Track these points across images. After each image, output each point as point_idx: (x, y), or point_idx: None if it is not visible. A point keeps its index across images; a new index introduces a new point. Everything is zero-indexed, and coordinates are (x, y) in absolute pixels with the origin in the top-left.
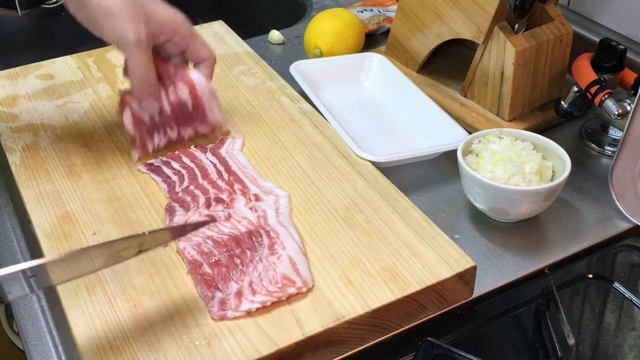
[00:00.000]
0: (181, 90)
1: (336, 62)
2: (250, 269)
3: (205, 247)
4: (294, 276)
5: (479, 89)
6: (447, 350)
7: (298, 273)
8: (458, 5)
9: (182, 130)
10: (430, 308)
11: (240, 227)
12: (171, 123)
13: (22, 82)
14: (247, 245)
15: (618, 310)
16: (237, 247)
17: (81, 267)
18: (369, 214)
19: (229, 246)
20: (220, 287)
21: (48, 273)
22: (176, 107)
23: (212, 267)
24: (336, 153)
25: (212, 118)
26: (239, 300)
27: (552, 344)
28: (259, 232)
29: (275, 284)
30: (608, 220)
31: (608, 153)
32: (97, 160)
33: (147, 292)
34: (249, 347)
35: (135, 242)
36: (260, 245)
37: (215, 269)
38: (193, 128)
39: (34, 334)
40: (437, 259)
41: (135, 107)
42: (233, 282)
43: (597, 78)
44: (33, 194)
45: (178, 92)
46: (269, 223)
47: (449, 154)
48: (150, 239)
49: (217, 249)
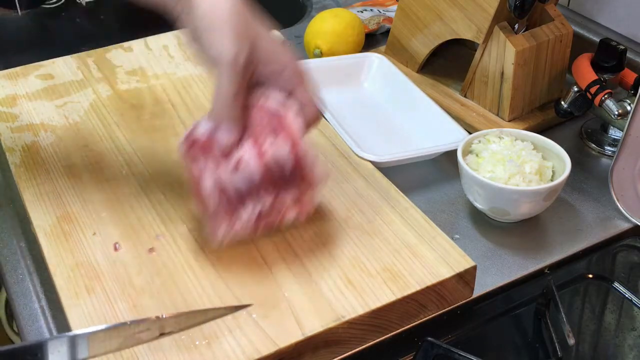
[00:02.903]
0: (280, 146)
1: (336, 62)
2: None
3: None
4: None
5: (479, 89)
6: (447, 350)
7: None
8: (458, 5)
9: (280, 197)
10: (430, 308)
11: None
12: (263, 190)
13: (22, 82)
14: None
15: (618, 310)
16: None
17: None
18: (369, 214)
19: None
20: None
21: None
22: (272, 167)
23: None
24: (336, 153)
25: (314, 180)
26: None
27: (552, 344)
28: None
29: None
30: (608, 220)
31: (608, 153)
32: (97, 160)
33: (147, 292)
34: (249, 347)
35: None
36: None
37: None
38: (293, 194)
39: (34, 334)
40: (437, 259)
41: (221, 173)
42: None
43: (597, 78)
44: (33, 194)
45: (277, 147)
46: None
47: (449, 154)
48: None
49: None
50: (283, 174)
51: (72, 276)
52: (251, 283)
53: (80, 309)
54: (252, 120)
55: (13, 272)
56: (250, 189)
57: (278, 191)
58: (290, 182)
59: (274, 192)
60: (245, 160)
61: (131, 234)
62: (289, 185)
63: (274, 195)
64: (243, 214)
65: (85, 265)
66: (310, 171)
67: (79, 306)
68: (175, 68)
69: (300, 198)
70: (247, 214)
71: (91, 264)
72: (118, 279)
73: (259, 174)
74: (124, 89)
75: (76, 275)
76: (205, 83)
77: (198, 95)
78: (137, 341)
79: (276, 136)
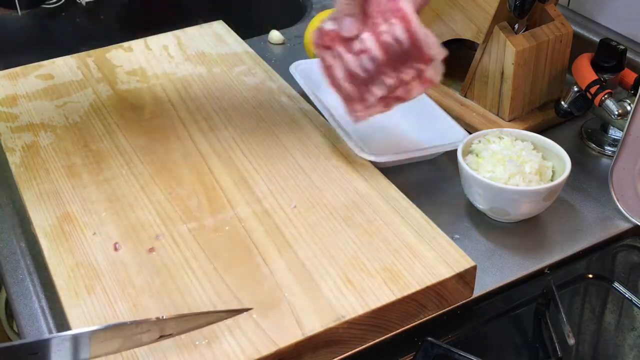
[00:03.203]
0: (396, 26)
1: None
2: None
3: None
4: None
5: (479, 89)
6: (447, 350)
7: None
8: (458, 5)
9: (402, 74)
10: (430, 308)
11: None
12: (386, 68)
13: (22, 82)
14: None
15: (618, 310)
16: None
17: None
18: (369, 214)
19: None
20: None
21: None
22: (390, 46)
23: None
24: (336, 153)
25: (430, 52)
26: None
27: (552, 344)
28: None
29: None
30: (608, 220)
31: (608, 153)
32: (97, 160)
33: (147, 292)
34: (249, 347)
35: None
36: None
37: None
38: (413, 68)
39: (34, 334)
40: (437, 258)
41: (348, 59)
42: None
43: (597, 78)
44: (33, 194)
45: (392, 29)
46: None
47: (449, 154)
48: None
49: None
50: (402, 52)
51: (72, 276)
52: (251, 283)
53: (80, 309)
54: (370, 8)
55: (13, 272)
56: (375, 69)
57: (401, 68)
58: (410, 59)
59: (397, 69)
60: (367, 44)
61: (131, 234)
62: (409, 62)
63: (398, 72)
64: (373, 92)
65: (85, 265)
66: (426, 46)
67: (79, 306)
68: (175, 68)
69: (422, 73)
70: (377, 92)
71: (91, 264)
72: (118, 279)
73: (380, 54)
74: (124, 89)
75: (76, 275)
76: (205, 83)
77: (198, 95)
78: (137, 343)
79: (391, 19)
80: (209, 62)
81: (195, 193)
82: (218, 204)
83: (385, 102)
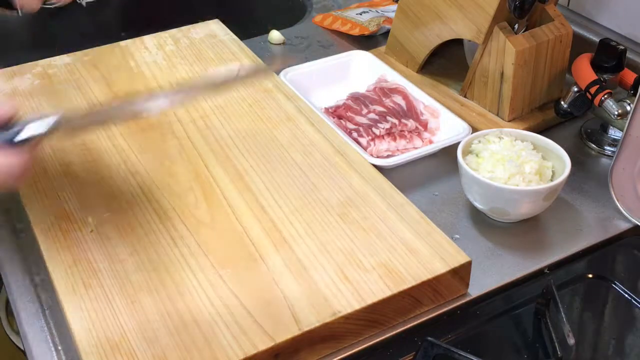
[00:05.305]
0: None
1: (323, 64)
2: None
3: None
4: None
5: (479, 89)
6: (447, 350)
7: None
8: (458, 5)
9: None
10: (426, 303)
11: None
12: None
13: (19, 81)
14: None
15: (618, 310)
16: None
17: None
18: (364, 210)
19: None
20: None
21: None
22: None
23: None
24: (332, 150)
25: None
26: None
27: (552, 344)
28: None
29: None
30: (608, 220)
31: (608, 153)
32: (94, 158)
33: (145, 288)
34: (246, 343)
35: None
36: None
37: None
38: None
39: (34, 334)
40: (432, 254)
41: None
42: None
43: (597, 78)
44: (31, 192)
45: None
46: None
47: (449, 154)
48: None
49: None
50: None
51: (70, 273)
52: (248, 279)
53: (78, 306)
54: None
55: (13, 272)
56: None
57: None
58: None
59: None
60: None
61: (129, 231)
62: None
63: None
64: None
65: (83, 262)
66: None
67: (77, 302)
68: (172, 67)
69: None
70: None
71: (89, 262)
72: (116, 275)
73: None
74: (121, 88)
75: (74, 273)
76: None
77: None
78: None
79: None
80: (206, 60)
81: (192, 190)
82: (215, 201)
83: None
